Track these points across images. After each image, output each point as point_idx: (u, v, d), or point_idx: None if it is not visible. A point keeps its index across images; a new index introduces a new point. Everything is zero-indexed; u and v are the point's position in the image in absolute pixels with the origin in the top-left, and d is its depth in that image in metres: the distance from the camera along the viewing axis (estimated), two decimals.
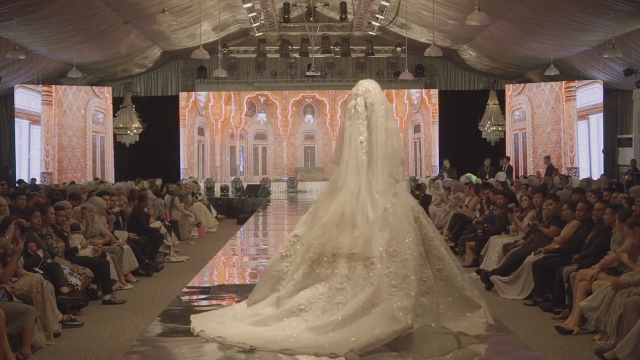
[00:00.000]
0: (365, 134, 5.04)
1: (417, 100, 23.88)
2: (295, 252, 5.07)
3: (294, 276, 4.95)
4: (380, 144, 5.02)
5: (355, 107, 5.11)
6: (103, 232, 9.64)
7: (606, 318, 6.05)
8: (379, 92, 5.14)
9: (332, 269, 4.86)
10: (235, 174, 23.80)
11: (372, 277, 4.68)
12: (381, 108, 5.08)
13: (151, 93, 23.69)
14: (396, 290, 4.62)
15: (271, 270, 5.12)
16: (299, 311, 4.78)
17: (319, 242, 4.94)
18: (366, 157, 5.01)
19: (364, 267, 4.76)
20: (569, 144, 20.74)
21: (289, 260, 5.06)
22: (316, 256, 4.91)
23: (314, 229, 5.04)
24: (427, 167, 23.64)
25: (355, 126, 5.07)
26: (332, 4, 20.05)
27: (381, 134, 5.03)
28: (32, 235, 7.53)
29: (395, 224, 4.83)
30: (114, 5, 15.30)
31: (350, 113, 5.14)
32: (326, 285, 4.82)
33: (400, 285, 4.62)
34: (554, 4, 14.26)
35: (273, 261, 5.17)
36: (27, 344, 5.82)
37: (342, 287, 4.76)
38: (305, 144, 24.41)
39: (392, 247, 4.76)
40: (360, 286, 4.70)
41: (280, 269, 5.07)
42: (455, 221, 11.91)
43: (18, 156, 20.14)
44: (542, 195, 9.59)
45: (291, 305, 4.82)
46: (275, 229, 13.49)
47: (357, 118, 5.08)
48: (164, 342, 4.98)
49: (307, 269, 4.91)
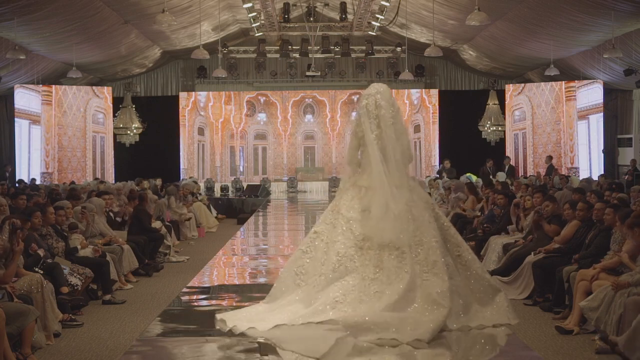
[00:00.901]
0: (376, 132, 5.26)
1: (417, 100, 23.88)
2: (315, 248, 5.27)
3: (321, 270, 5.14)
4: (391, 142, 5.25)
5: (367, 106, 5.33)
6: (103, 232, 9.64)
7: (606, 318, 6.05)
8: (389, 94, 5.39)
9: (361, 262, 5.08)
10: (235, 174, 23.80)
11: (405, 265, 4.96)
12: (391, 109, 5.33)
13: (151, 93, 23.69)
14: (429, 276, 4.94)
15: (292, 265, 5.31)
16: (335, 303, 4.96)
17: (344, 237, 5.16)
18: (379, 154, 5.22)
19: (395, 257, 5.01)
20: (569, 144, 20.75)
21: (309, 256, 5.26)
22: (344, 250, 5.12)
23: (338, 226, 5.24)
24: (427, 167, 23.64)
25: (367, 125, 5.29)
26: (332, 4, 20.05)
27: (392, 132, 5.26)
28: (32, 235, 7.53)
29: (418, 216, 5.15)
30: (114, 5, 15.29)
31: (362, 111, 5.37)
32: (357, 276, 5.03)
33: (431, 271, 4.94)
34: (554, 4, 14.26)
35: (294, 258, 5.36)
36: (27, 344, 5.83)
37: (376, 277, 4.99)
38: (305, 144, 24.41)
39: (418, 237, 5.07)
40: (394, 274, 4.96)
41: (301, 264, 5.26)
42: (455, 221, 11.91)
43: (18, 156, 20.14)
44: (542, 195, 9.59)
45: (325, 299, 5.00)
46: (275, 229, 13.50)
47: (367, 117, 5.31)
48: (164, 342, 4.98)
49: (335, 263, 5.11)
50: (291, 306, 5.11)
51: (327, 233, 5.29)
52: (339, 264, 5.10)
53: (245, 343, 4.90)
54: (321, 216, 5.52)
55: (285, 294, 5.24)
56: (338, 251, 5.14)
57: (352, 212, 5.26)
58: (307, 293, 5.13)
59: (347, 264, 5.09)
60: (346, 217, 5.25)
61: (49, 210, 8.19)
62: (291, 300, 5.16)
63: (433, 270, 4.95)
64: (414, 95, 23.86)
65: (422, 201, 5.28)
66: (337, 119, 24.03)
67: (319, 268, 5.16)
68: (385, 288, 4.91)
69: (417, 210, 5.19)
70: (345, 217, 5.26)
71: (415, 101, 23.95)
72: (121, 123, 22.63)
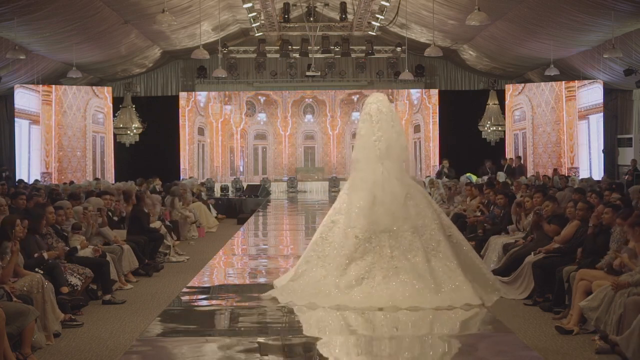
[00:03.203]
0: (377, 134, 6.36)
1: (417, 100, 23.87)
2: (334, 234, 6.36)
3: (342, 252, 6.20)
4: (392, 142, 6.32)
5: (370, 112, 6.47)
6: (104, 234, 9.63)
7: (606, 318, 6.04)
8: (388, 102, 6.60)
9: (377, 242, 6.15)
10: (235, 174, 23.80)
11: (417, 242, 6.13)
12: (390, 115, 6.44)
13: (151, 93, 23.68)
14: (435, 253, 6.13)
15: (312, 250, 6.43)
16: (361, 279, 6.05)
17: (360, 224, 6.21)
18: (379, 152, 6.33)
19: (406, 237, 6.12)
20: (569, 144, 20.75)
21: (329, 242, 6.36)
22: (362, 234, 6.17)
23: (352, 214, 6.31)
24: (427, 167, 23.63)
25: (370, 128, 6.41)
26: (332, 4, 20.04)
27: (392, 134, 6.34)
28: (33, 237, 7.52)
29: (419, 202, 6.33)
30: (114, 5, 15.29)
31: (365, 117, 6.48)
32: (375, 255, 6.12)
33: (437, 248, 6.14)
34: (554, 4, 14.25)
35: (313, 243, 6.50)
36: (27, 344, 5.82)
37: (394, 256, 6.10)
38: (305, 144, 24.41)
39: (421, 220, 6.24)
40: (409, 250, 6.11)
41: (322, 250, 6.37)
42: (455, 221, 11.89)
43: (18, 156, 20.13)
44: (542, 195, 9.58)
45: (351, 278, 6.07)
46: (275, 229, 13.50)
47: (370, 122, 6.44)
48: (164, 342, 4.98)
49: (353, 246, 6.16)
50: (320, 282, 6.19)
51: (343, 221, 6.34)
52: (357, 246, 6.15)
53: (245, 343, 4.91)
54: (334, 207, 6.56)
55: (308, 273, 6.31)
56: (356, 235, 6.18)
57: (362, 202, 6.29)
58: (331, 272, 6.13)
59: (366, 245, 6.14)
60: (357, 207, 6.29)
61: (48, 210, 8.18)
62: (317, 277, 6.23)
63: (438, 248, 6.11)
64: (414, 95, 23.85)
65: (419, 191, 6.50)
66: (337, 119, 24.03)
67: (340, 251, 6.20)
68: (404, 263, 6.02)
69: (418, 197, 6.36)
70: (356, 206, 6.31)
71: (415, 101, 23.94)
72: (121, 123, 22.63)
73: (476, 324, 6.03)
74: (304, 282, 6.38)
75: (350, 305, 5.89)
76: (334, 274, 6.14)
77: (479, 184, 13.42)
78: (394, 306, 5.85)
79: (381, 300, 5.89)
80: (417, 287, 5.95)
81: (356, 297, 5.96)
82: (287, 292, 6.38)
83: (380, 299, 5.90)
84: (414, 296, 5.94)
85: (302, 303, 6.07)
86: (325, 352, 5.12)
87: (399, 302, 5.89)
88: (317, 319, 6.00)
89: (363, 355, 5.07)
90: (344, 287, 6.02)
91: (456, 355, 4.94)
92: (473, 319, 6.03)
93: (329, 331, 5.78)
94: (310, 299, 6.12)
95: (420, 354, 5.19)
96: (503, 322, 6.25)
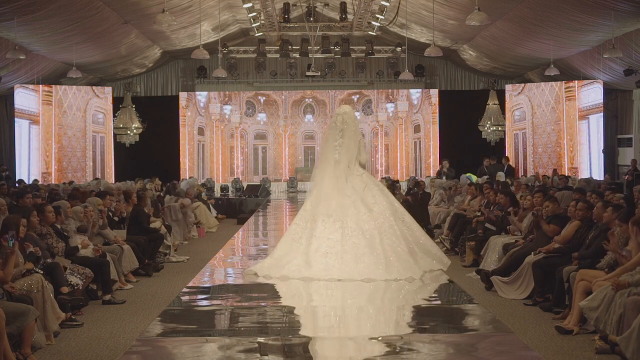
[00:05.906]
0: (339, 141, 7.68)
1: (417, 100, 23.87)
2: (304, 220, 7.64)
3: (305, 232, 7.51)
4: (350, 147, 7.65)
5: (335, 122, 7.76)
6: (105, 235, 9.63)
7: (606, 318, 6.04)
8: (353, 115, 7.92)
9: (333, 222, 7.41)
10: (235, 174, 23.79)
11: (370, 222, 7.37)
12: (352, 125, 7.74)
13: (151, 93, 23.69)
14: (386, 234, 7.35)
15: (289, 234, 7.70)
16: (326, 254, 7.27)
17: (320, 210, 7.54)
18: (338, 156, 7.64)
19: (361, 218, 7.38)
20: (569, 144, 20.75)
21: (301, 226, 7.61)
22: (322, 217, 7.50)
23: (320, 204, 7.57)
24: (427, 167, 23.64)
25: (333, 135, 7.72)
26: (332, 4, 20.05)
27: (350, 141, 7.68)
28: (30, 235, 7.52)
29: (375, 193, 7.63)
30: (114, 5, 15.29)
31: (332, 125, 7.82)
32: (337, 234, 7.33)
33: (388, 230, 7.37)
34: (554, 4, 14.25)
35: (290, 229, 7.73)
36: (27, 344, 5.82)
37: (351, 234, 7.31)
38: (305, 144, 24.42)
39: (377, 207, 7.50)
40: (362, 230, 7.31)
41: (295, 232, 7.61)
42: (455, 221, 11.90)
43: (18, 156, 20.14)
44: (542, 195, 9.57)
45: (315, 251, 7.33)
46: (275, 229, 13.49)
47: (335, 129, 7.72)
48: (164, 342, 4.98)
49: (312, 225, 7.48)
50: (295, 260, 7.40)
51: (312, 210, 7.61)
52: (324, 227, 7.42)
53: (245, 343, 4.91)
54: (306, 200, 7.93)
55: (285, 252, 7.53)
56: (317, 218, 7.52)
57: (325, 189, 7.62)
58: (302, 250, 7.39)
59: (325, 224, 7.44)
60: (324, 193, 7.59)
61: (47, 209, 8.17)
62: (294, 256, 7.43)
63: (389, 230, 7.34)
64: (414, 95, 23.85)
65: (375, 184, 7.83)
66: None
67: (304, 231, 7.51)
68: (360, 240, 7.27)
69: (370, 181, 7.74)
70: (322, 193, 7.62)
71: (415, 101, 23.95)
72: (121, 123, 22.63)
73: (476, 324, 6.04)
74: (277, 256, 7.65)
75: (315, 278, 7.15)
76: (301, 250, 7.43)
77: (479, 184, 13.40)
78: (351, 278, 7.06)
79: (342, 274, 7.12)
80: (371, 261, 7.15)
81: (320, 271, 7.19)
82: (266, 267, 7.57)
83: (340, 272, 7.13)
84: (369, 269, 7.13)
85: (276, 276, 7.31)
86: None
87: (355, 275, 7.10)
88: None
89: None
90: (310, 262, 7.30)
91: (456, 355, 4.94)
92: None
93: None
94: (282, 272, 7.33)
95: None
96: (503, 322, 6.25)
